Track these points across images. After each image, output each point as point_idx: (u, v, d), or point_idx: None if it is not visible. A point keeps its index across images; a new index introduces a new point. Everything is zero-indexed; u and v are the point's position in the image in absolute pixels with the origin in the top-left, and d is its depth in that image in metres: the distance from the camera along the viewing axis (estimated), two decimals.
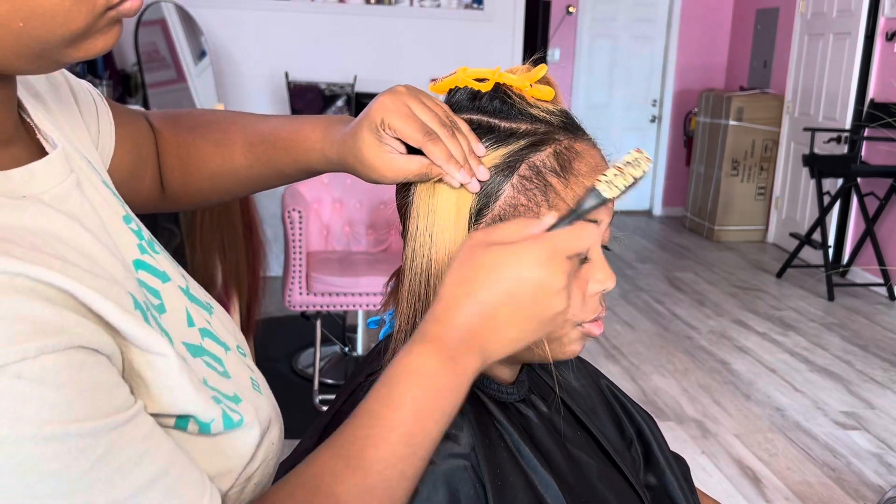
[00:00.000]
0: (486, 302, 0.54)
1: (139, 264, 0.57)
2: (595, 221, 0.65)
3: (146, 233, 0.61)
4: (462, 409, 0.64)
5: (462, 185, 0.63)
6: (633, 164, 0.59)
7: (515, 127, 0.65)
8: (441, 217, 0.64)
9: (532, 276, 0.54)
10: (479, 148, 0.64)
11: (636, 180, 0.59)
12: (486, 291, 0.54)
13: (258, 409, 0.59)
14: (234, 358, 0.62)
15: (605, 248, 0.69)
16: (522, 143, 0.64)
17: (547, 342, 0.66)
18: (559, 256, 0.54)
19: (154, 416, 0.49)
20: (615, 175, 0.59)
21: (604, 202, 0.59)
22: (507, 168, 0.64)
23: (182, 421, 0.51)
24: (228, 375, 0.58)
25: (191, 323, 0.58)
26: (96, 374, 0.43)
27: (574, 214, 0.58)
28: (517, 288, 0.54)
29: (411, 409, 0.53)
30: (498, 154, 0.64)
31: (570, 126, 0.67)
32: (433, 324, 0.55)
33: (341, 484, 0.51)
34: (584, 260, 0.65)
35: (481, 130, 0.65)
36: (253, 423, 0.56)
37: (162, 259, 0.61)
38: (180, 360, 0.51)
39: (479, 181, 0.63)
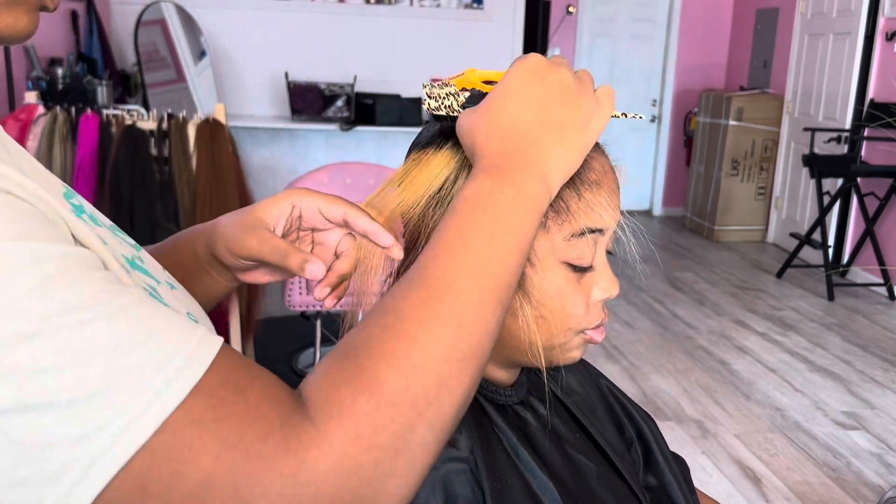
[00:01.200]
0: (515, 120, 0.55)
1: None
2: (600, 231, 0.65)
3: (88, 206, 0.57)
4: None
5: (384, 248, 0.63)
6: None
7: None
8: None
9: (538, 78, 0.56)
10: (386, 239, 0.62)
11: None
12: (508, 113, 0.56)
13: None
14: (166, 290, 0.59)
15: (608, 253, 0.68)
16: None
17: (548, 348, 0.66)
18: (545, 63, 0.57)
19: None
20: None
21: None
22: None
23: None
24: (164, 302, 0.54)
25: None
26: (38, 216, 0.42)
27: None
28: (534, 95, 0.56)
29: (479, 231, 0.51)
30: None
31: None
32: (478, 160, 0.56)
33: (426, 311, 0.47)
34: (587, 268, 0.65)
35: None
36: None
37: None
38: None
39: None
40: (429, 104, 0.64)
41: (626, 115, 0.67)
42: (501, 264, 0.51)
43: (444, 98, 0.62)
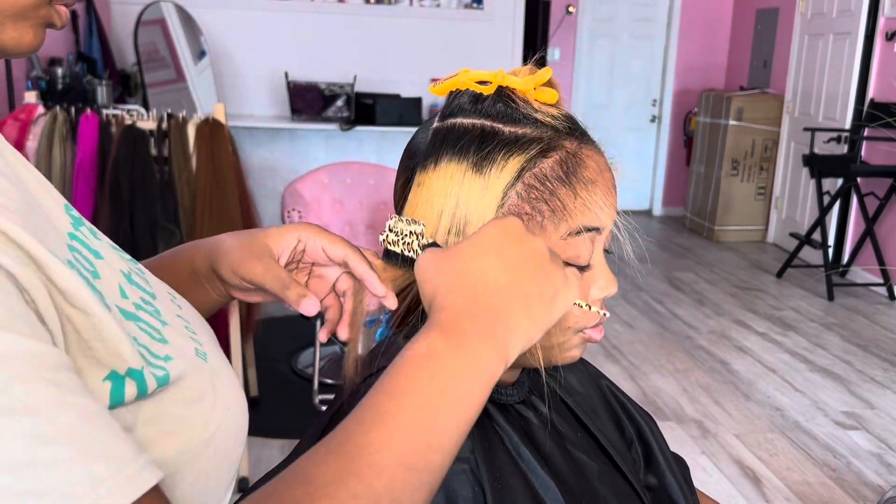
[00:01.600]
0: (483, 278, 0.53)
1: (72, 237, 0.53)
2: (597, 229, 0.65)
3: (87, 223, 0.58)
4: None
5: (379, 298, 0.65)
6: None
7: (520, 132, 0.64)
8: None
9: (515, 241, 0.54)
10: (378, 289, 0.64)
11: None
12: (478, 269, 0.53)
13: (199, 371, 0.55)
14: (166, 301, 0.59)
15: (606, 251, 0.68)
16: (533, 151, 0.63)
17: (547, 347, 0.66)
18: (523, 229, 0.56)
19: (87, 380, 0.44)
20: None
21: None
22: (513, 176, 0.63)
23: (117, 386, 0.45)
24: (166, 341, 0.54)
25: (124, 296, 0.54)
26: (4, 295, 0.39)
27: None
28: (508, 258, 0.54)
29: (417, 397, 0.47)
30: (513, 167, 0.63)
31: (575, 131, 0.66)
32: (437, 312, 0.52)
33: (341, 490, 0.44)
34: (585, 267, 0.65)
35: (485, 135, 0.63)
36: (186, 374, 0.52)
37: (103, 245, 0.58)
38: (108, 313, 0.47)
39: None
40: (387, 236, 0.63)
41: (589, 307, 0.63)
42: (437, 443, 0.47)
43: (406, 235, 0.62)
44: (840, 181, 4.75)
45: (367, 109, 4.61)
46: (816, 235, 4.90)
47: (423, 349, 0.50)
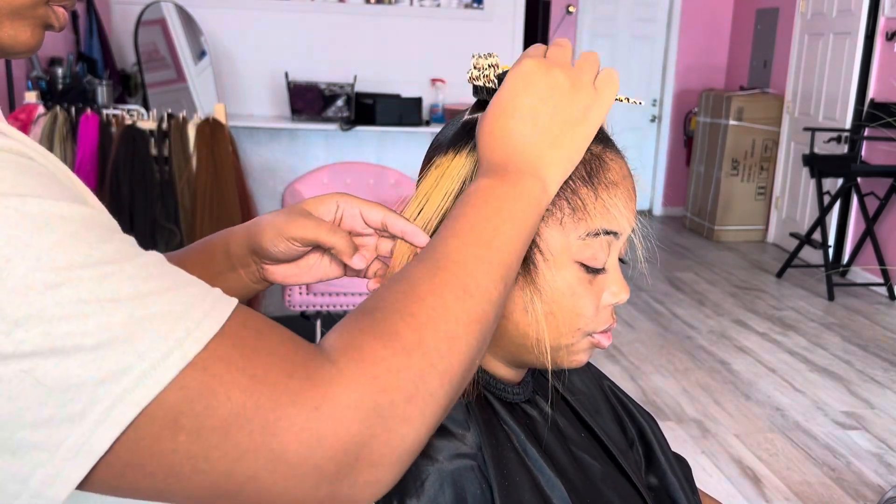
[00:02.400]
0: (510, 134, 0.58)
1: None
2: (615, 234, 0.65)
3: None
4: (468, 408, 0.64)
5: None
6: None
7: None
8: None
9: (530, 85, 0.59)
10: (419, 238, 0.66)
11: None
12: (503, 127, 0.59)
13: None
14: None
15: (620, 260, 0.69)
16: None
17: (555, 348, 0.66)
18: (536, 67, 0.60)
19: None
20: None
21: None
22: None
23: None
24: None
25: None
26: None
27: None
28: (527, 106, 0.59)
29: (480, 215, 0.55)
30: None
31: (600, 134, 0.66)
32: (481, 165, 0.60)
33: (414, 270, 0.52)
34: (600, 270, 0.65)
35: None
36: None
37: None
38: None
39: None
40: (470, 73, 0.66)
41: (627, 100, 0.69)
42: (503, 245, 0.54)
43: (485, 69, 0.65)
44: (840, 181, 4.75)
45: (367, 109, 4.61)
46: (816, 235, 4.90)
47: (475, 188, 0.57)
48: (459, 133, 0.66)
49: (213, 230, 2.75)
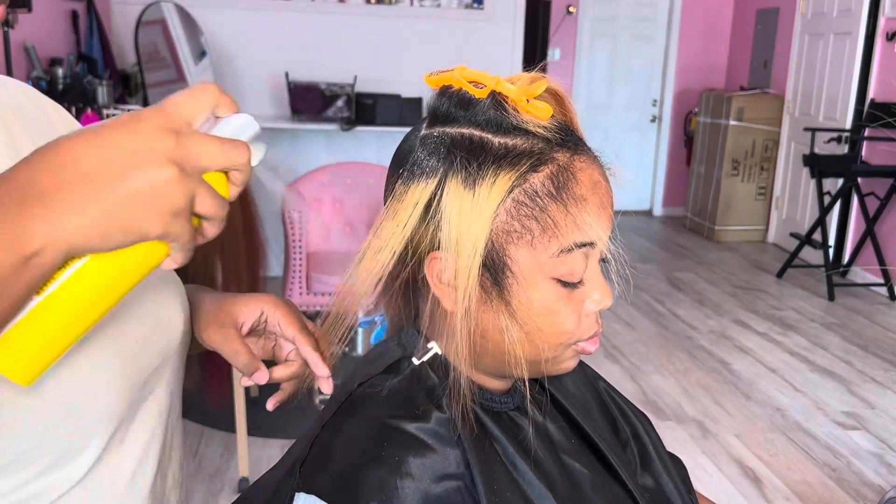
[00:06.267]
0: (60, 158, 0.44)
1: None
2: (591, 244, 0.62)
3: None
4: (453, 423, 0.62)
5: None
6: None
7: (511, 144, 0.61)
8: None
9: (118, 137, 0.45)
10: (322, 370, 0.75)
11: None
12: (66, 151, 0.45)
13: None
14: None
15: (602, 261, 0.66)
16: (524, 167, 0.60)
17: (534, 362, 0.65)
18: (162, 129, 0.46)
19: None
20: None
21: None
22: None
23: None
24: None
25: None
26: None
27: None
28: (97, 145, 0.45)
29: None
30: (502, 186, 0.60)
31: (568, 141, 0.63)
32: None
33: None
34: (578, 283, 0.63)
35: (473, 148, 0.61)
36: None
37: None
38: None
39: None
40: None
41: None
42: None
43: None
44: (840, 181, 4.75)
45: (367, 109, 4.61)
46: (817, 235, 4.90)
47: None
48: (422, 152, 0.64)
49: None
